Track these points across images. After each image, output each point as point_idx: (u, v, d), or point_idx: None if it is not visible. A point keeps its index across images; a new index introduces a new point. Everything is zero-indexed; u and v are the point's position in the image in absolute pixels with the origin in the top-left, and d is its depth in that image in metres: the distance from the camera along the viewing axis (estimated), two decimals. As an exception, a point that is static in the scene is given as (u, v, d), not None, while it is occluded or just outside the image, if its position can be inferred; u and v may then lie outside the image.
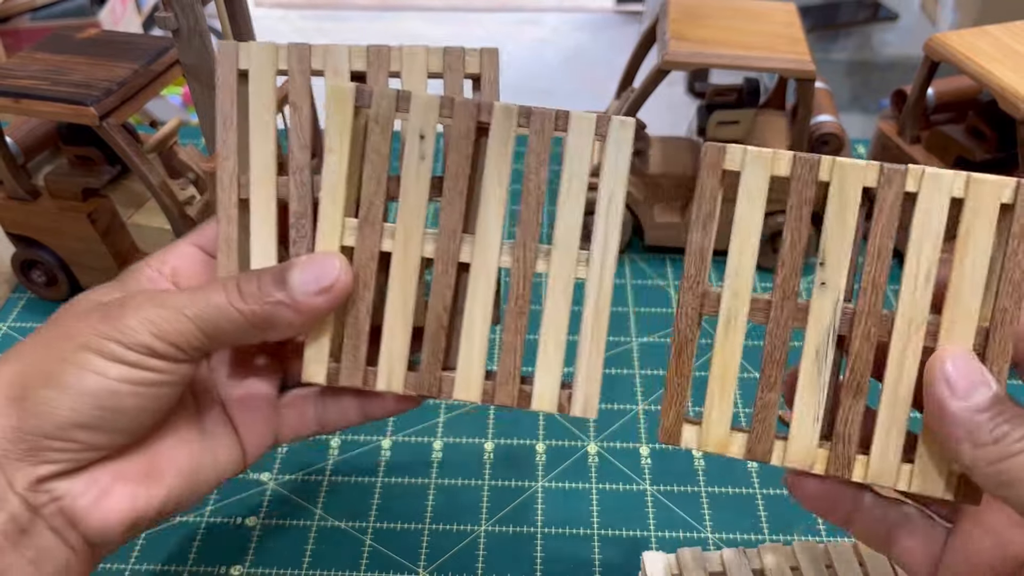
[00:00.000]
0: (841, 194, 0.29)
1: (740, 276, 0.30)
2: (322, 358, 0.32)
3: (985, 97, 0.60)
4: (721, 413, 0.30)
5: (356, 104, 0.31)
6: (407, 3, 2.73)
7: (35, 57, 0.52)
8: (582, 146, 0.31)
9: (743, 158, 0.29)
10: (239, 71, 0.32)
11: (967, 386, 0.27)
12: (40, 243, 0.57)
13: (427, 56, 0.33)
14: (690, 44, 0.55)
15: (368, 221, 0.31)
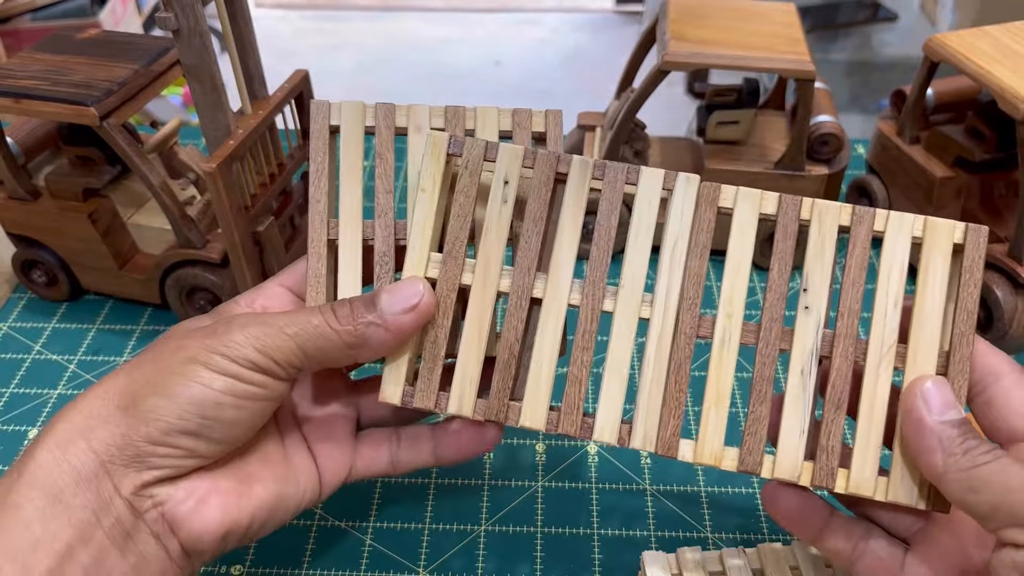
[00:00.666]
0: (820, 231, 0.33)
1: (734, 301, 0.33)
2: (399, 380, 0.34)
3: (984, 97, 0.60)
4: (716, 428, 0.32)
5: (449, 152, 0.34)
6: (407, 3, 2.73)
7: (35, 57, 0.52)
8: (650, 197, 0.34)
9: (735, 196, 0.33)
10: (331, 126, 0.37)
11: (942, 405, 0.30)
12: (41, 243, 0.57)
13: (498, 116, 0.37)
14: (690, 44, 0.55)
15: (452, 255, 0.34)
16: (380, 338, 0.32)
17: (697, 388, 0.34)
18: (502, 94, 2.19)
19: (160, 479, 0.31)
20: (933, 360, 0.32)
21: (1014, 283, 0.52)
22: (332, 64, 2.36)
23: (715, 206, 0.33)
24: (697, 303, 0.33)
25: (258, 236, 0.52)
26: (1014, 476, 0.28)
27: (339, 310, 0.32)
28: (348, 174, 0.37)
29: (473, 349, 0.34)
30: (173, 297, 0.56)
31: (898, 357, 0.32)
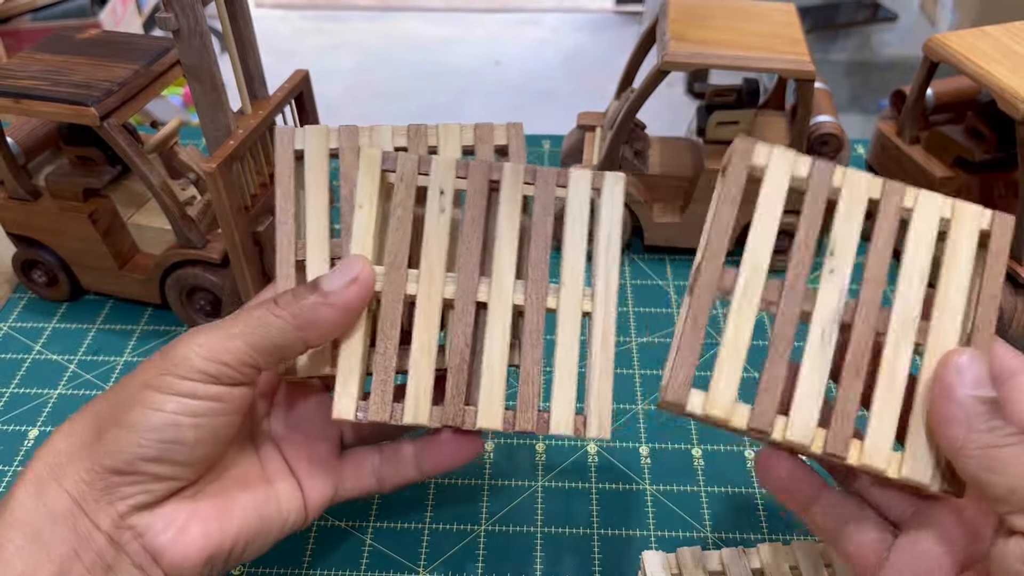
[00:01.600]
0: (851, 199, 0.33)
1: (758, 253, 0.32)
2: (351, 395, 0.34)
3: (984, 97, 0.60)
4: (729, 381, 0.31)
5: (383, 168, 0.35)
6: (407, 4, 2.73)
7: (36, 57, 0.52)
8: (580, 198, 0.36)
9: (770, 155, 0.32)
10: (295, 151, 0.37)
11: (974, 379, 0.29)
12: (41, 243, 0.57)
13: (460, 132, 0.38)
14: (690, 45, 0.55)
15: (394, 266, 0.34)
16: (326, 316, 0.32)
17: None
18: (502, 94, 2.19)
19: (135, 507, 0.31)
20: (955, 340, 0.32)
21: (1014, 283, 0.52)
22: (332, 64, 2.36)
23: (748, 159, 0.32)
24: (720, 253, 0.32)
25: (258, 236, 0.52)
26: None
27: (281, 298, 0.32)
28: (314, 196, 0.37)
29: (424, 357, 0.34)
30: (173, 297, 0.56)
31: (920, 333, 0.32)
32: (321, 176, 0.37)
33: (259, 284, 0.53)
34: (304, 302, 0.32)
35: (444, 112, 2.10)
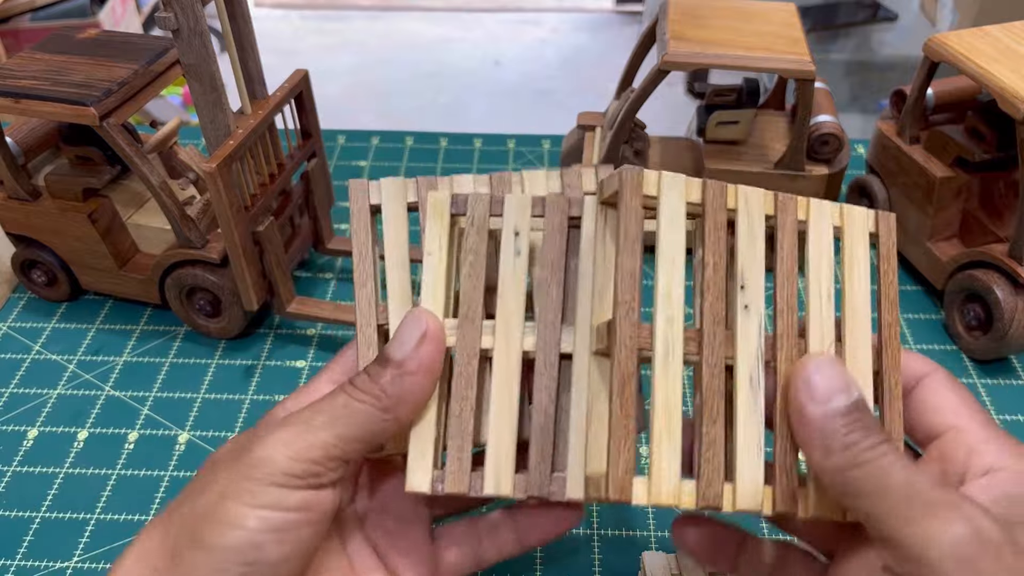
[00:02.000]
0: (749, 217, 0.30)
1: (672, 301, 0.28)
2: (426, 467, 0.30)
3: (984, 97, 0.60)
4: (670, 459, 0.27)
5: (453, 212, 0.32)
6: (407, 3, 2.73)
7: (35, 57, 0.52)
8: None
9: (659, 182, 0.29)
10: (371, 205, 0.34)
11: (826, 391, 0.27)
12: (40, 243, 0.57)
13: (546, 178, 0.35)
14: (690, 44, 0.55)
15: (468, 318, 0.31)
16: (411, 384, 0.29)
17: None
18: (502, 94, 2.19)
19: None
20: (870, 356, 0.30)
21: (1014, 283, 0.52)
22: (332, 64, 2.36)
23: (639, 193, 0.28)
24: (634, 307, 0.28)
25: (258, 236, 0.52)
26: (895, 480, 0.25)
27: (357, 381, 0.29)
28: (394, 254, 0.34)
29: (505, 419, 0.31)
30: (173, 297, 0.56)
31: (838, 356, 0.29)
32: (400, 231, 0.34)
33: (259, 284, 0.53)
34: (382, 380, 0.29)
35: (444, 112, 2.10)
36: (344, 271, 0.64)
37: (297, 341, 0.58)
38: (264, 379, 0.55)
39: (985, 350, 0.55)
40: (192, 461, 0.50)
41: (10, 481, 0.49)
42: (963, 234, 0.59)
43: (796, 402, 0.27)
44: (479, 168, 0.75)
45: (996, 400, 0.54)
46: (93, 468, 0.50)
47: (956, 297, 0.57)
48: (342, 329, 0.59)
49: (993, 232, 0.56)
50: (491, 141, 0.79)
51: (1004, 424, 0.52)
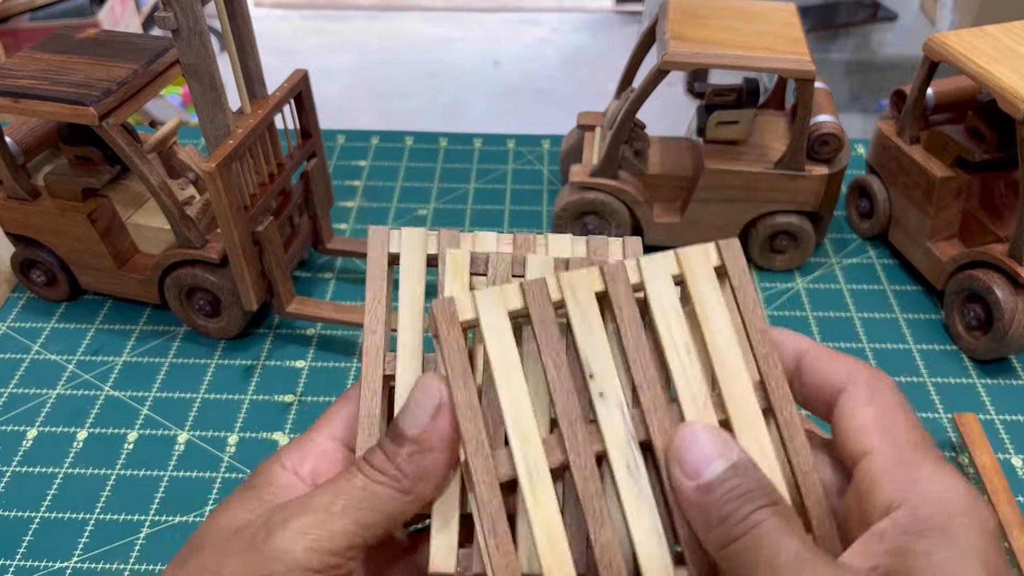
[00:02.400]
0: (578, 305, 0.29)
1: (520, 421, 0.27)
2: (451, 543, 0.28)
3: (984, 97, 0.60)
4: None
5: (472, 272, 0.31)
6: (407, 3, 2.73)
7: (35, 57, 0.52)
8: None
9: (475, 303, 0.28)
10: (390, 254, 0.33)
11: (696, 463, 0.25)
12: (40, 243, 0.57)
13: (572, 244, 0.33)
14: (689, 44, 0.55)
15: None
16: (431, 461, 0.27)
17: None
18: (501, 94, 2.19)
19: None
20: (751, 395, 0.28)
21: (1014, 283, 0.52)
22: (332, 64, 2.36)
23: (456, 324, 0.28)
24: (484, 442, 0.27)
25: (257, 236, 0.52)
26: (767, 553, 0.23)
27: (374, 460, 0.27)
28: (408, 306, 0.32)
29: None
30: (172, 297, 0.56)
31: (718, 408, 0.28)
32: (417, 284, 0.33)
33: (258, 284, 0.53)
34: (399, 460, 0.27)
35: (444, 112, 2.10)
36: (343, 271, 0.64)
37: (296, 341, 0.58)
38: (263, 379, 0.55)
39: (985, 350, 0.55)
40: (192, 461, 0.50)
41: (9, 481, 0.49)
42: (963, 234, 0.59)
43: (674, 481, 0.26)
44: (478, 168, 0.75)
45: (996, 400, 0.54)
46: (92, 468, 0.50)
47: (956, 297, 0.57)
48: (341, 329, 0.59)
49: (993, 232, 0.56)
50: (491, 141, 0.79)
51: (1004, 424, 0.52)
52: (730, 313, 0.29)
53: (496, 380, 0.27)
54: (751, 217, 0.61)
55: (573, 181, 0.61)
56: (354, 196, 0.72)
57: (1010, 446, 0.51)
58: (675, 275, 0.29)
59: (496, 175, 0.75)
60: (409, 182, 0.74)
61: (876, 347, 0.57)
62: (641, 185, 0.62)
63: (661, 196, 0.64)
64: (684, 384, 0.28)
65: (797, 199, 0.60)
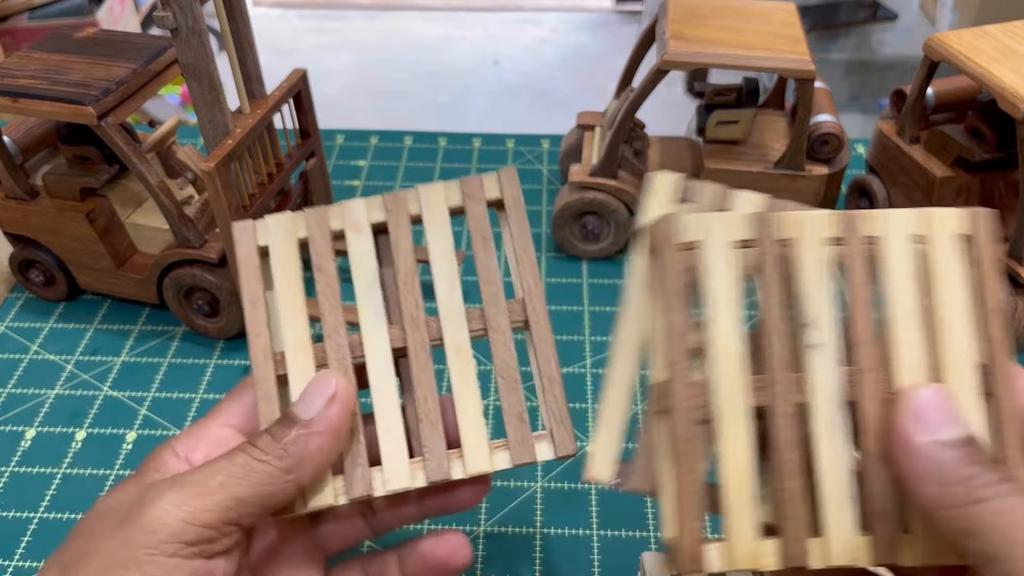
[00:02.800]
0: (809, 248, 0.28)
1: (728, 354, 0.27)
2: (611, 457, 0.30)
3: (984, 97, 0.60)
4: (744, 521, 0.26)
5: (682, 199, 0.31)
6: (406, 3, 2.73)
7: (33, 56, 0.52)
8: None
9: (698, 226, 0.27)
10: (259, 248, 0.32)
11: (937, 421, 0.25)
12: (38, 243, 0.57)
13: (445, 192, 0.33)
14: (689, 44, 0.55)
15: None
16: (316, 445, 0.28)
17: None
18: (501, 93, 2.19)
19: None
20: (972, 376, 0.27)
21: (1014, 283, 0.52)
22: (331, 63, 2.36)
23: (672, 244, 0.27)
24: (687, 367, 0.27)
25: (256, 236, 0.52)
26: (1014, 519, 0.23)
27: (259, 440, 0.28)
28: (287, 298, 0.32)
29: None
30: (171, 297, 0.56)
31: (934, 382, 0.27)
32: (293, 274, 0.32)
33: (257, 284, 0.53)
34: (285, 440, 0.27)
35: (443, 111, 2.10)
36: (343, 271, 0.64)
37: (296, 341, 0.58)
38: (263, 379, 0.55)
39: (985, 350, 0.55)
40: (190, 461, 0.50)
41: (8, 481, 0.49)
42: (963, 234, 0.59)
43: (902, 434, 0.25)
44: (478, 168, 0.75)
45: (996, 400, 0.53)
46: (91, 468, 0.49)
47: (956, 297, 0.57)
48: (341, 329, 0.58)
49: (993, 232, 0.56)
50: (490, 141, 0.79)
51: (1004, 424, 0.52)
52: (967, 288, 0.27)
53: (708, 311, 0.27)
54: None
55: (572, 181, 0.61)
56: (353, 196, 0.72)
57: (1010, 446, 0.51)
58: (917, 235, 0.28)
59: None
60: (408, 182, 0.74)
61: (876, 347, 0.57)
62: (641, 185, 0.62)
63: (661, 196, 0.63)
64: (906, 355, 0.27)
65: (797, 199, 0.59)
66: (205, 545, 0.26)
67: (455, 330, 0.32)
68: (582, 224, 0.63)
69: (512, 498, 0.47)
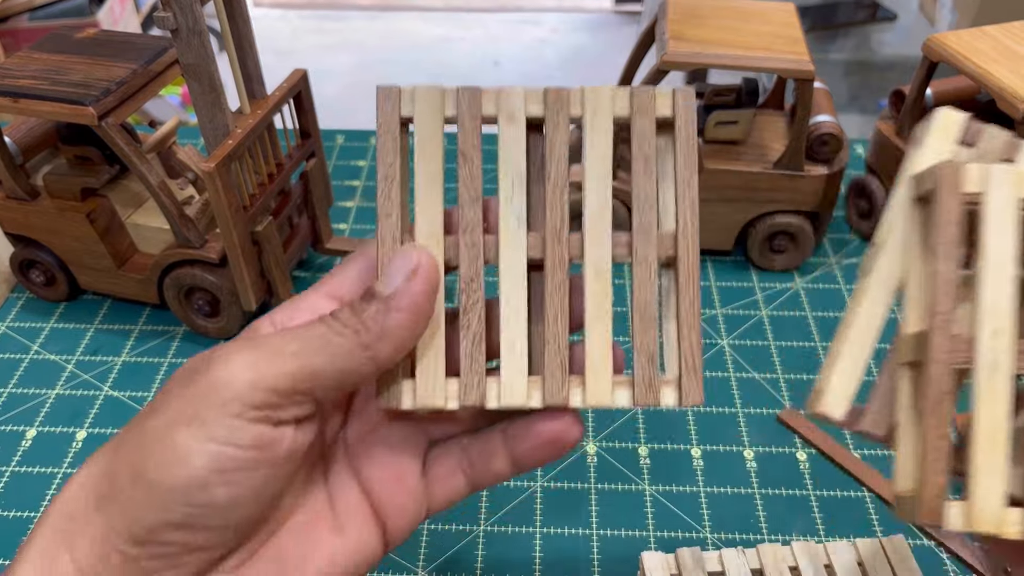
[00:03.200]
0: None
1: (999, 311, 0.26)
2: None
3: (983, 97, 0.60)
4: (992, 483, 0.25)
5: (965, 140, 0.30)
6: (406, 3, 2.73)
7: (34, 57, 0.52)
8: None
9: (986, 178, 0.26)
10: (401, 118, 0.30)
11: None
12: (39, 243, 0.57)
13: (612, 97, 0.30)
14: (689, 44, 0.55)
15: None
16: (396, 321, 0.26)
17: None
18: (501, 94, 2.19)
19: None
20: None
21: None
22: (331, 63, 2.36)
23: (958, 192, 0.26)
24: (952, 319, 0.26)
25: (256, 236, 0.52)
26: None
27: (341, 313, 0.27)
28: (425, 179, 0.30)
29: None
30: (171, 297, 0.56)
31: None
32: (435, 153, 0.30)
33: (257, 284, 0.53)
34: (365, 314, 0.26)
35: (443, 112, 2.10)
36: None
37: (296, 341, 0.58)
38: (263, 379, 0.55)
39: (984, 350, 0.55)
40: (191, 461, 0.50)
41: (9, 481, 0.49)
42: (962, 234, 0.59)
43: None
44: (478, 168, 0.75)
45: (995, 400, 0.54)
46: (92, 468, 0.50)
47: (955, 297, 0.57)
48: (341, 329, 0.59)
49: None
50: (491, 141, 0.79)
51: (1003, 424, 0.52)
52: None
53: (983, 267, 0.26)
54: (750, 217, 0.61)
55: (572, 181, 0.61)
56: (353, 196, 0.72)
57: (1009, 446, 0.51)
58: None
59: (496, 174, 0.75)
60: (409, 182, 0.74)
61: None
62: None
63: (660, 196, 0.64)
64: None
65: (796, 199, 0.60)
66: (271, 411, 0.25)
67: (599, 252, 0.30)
68: (581, 224, 0.63)
69: (512, 498, 0.48)
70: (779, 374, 0.55)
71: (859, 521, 0.46)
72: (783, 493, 0.48)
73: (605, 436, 0.51)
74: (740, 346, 0.57)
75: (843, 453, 0.50)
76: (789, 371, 0.55)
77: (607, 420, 0.52)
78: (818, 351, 0.57)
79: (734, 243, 0.63)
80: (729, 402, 0.53)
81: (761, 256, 0.63)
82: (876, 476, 0.48)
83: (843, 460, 0.49)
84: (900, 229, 0.29)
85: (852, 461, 0.49)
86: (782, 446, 0.51)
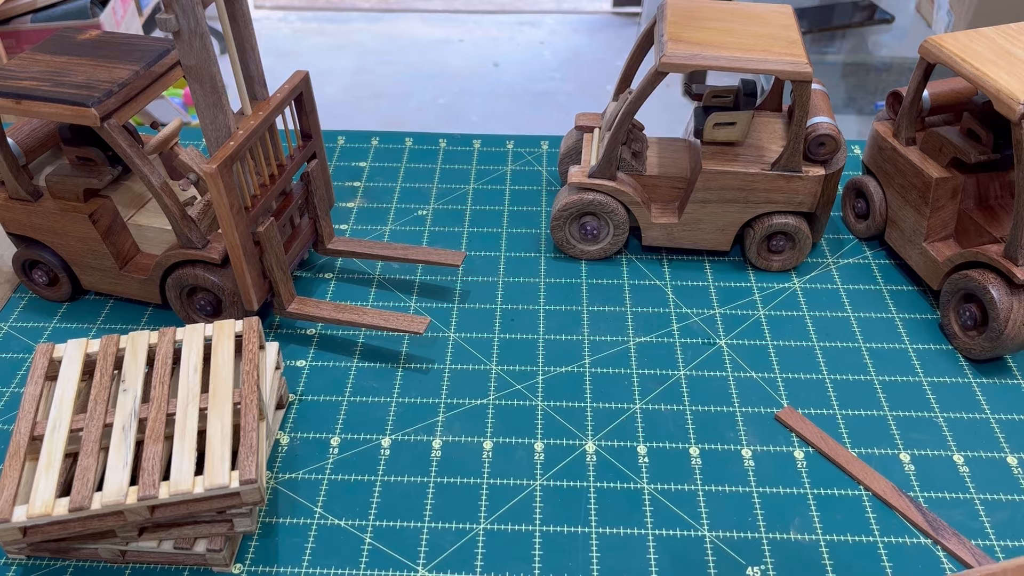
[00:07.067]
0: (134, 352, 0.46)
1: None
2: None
3: (980, 99, 0.60)
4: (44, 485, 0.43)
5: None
6: (406, 5, 2.73)
7: (36, 59, 0.53)
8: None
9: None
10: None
11: None
12: (41, 243, 0.58)
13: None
14: (687, 46, 0.55)
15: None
16: None
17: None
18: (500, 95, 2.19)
19: None
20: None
21: (1010, 284, 0.53)
22: (332, 65, 2.36)
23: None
24: None
25: (258, 236, 0.52)
26: None
27: None
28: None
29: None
30: (173, 297, 0.56)
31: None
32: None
33: (259, 284, 0.53)
34: None
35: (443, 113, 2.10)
36: (344, 271, 0.64)
37: (297, 341, 0.58)
38: (264, 379, 0.55)
39: (981, 350, 0.55)
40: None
41: (11, 480, 0.49)
42: (959, 234, 0.60)
43: None
44: (478, 169, 0.76)
45: (991, 400, 0.54)
46: (94, 467, 0.50)
47: (952, 297, 0.57)
48: (341, 329, 0.59)
49: (989, 232, 0.57)
50: (490, 142, 0.80)
51: (1000, 424, 0.52)
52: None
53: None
54: (748, 218, 0.61)
55: (572, 182, 0.62)
56: (354, 197, 0.72)
57: (1005, 445, 0.51)
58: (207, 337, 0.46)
59: (495, 176, 0.75)
60: (409, 183, 0.74)
61: (872, 347, 0.58)
62: (639, 186, 0.62)
63: (659, 197, 0.64)
64: None
65: (794, 200, 0.60)
66: None
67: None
68: (581, 225, 0.63)
69: (511, 496, 0.48)
70: (777, 373, 0.56)
71: (855, 519, 0.47)
72: (780, 491, 0.48)
73: (604, 435, 0.51)
74: (738, 346, 0.58)
75: (840, 452, 0.50)
76: (787, 371, 0.56)
77: (606, 419, 0.52)
78: (815, 350, 0.57)
79: (732, 243, 0.63)
80: (727, 401, 0.54)
81: (759, 256, 0.63)
82: (873, 475, 0.49)
83: (840, 459, 0.50)
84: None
85: (849, 460, 0.50)
86: (780, 445, 0.51)
